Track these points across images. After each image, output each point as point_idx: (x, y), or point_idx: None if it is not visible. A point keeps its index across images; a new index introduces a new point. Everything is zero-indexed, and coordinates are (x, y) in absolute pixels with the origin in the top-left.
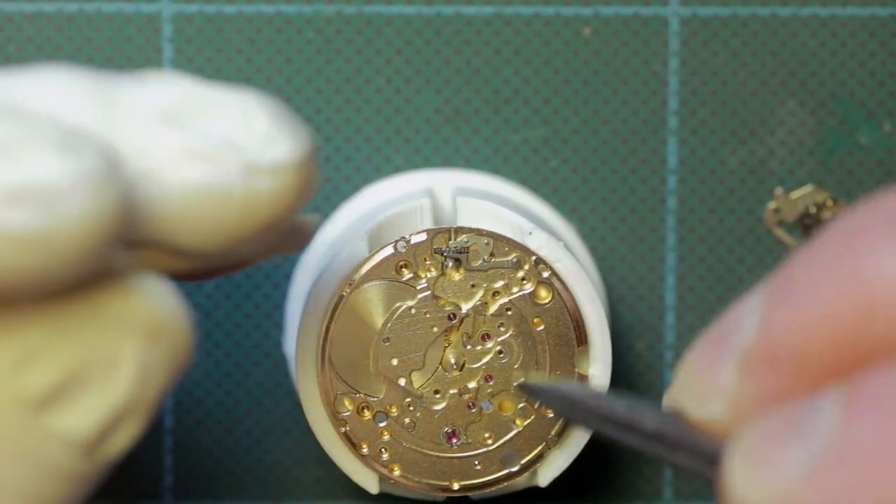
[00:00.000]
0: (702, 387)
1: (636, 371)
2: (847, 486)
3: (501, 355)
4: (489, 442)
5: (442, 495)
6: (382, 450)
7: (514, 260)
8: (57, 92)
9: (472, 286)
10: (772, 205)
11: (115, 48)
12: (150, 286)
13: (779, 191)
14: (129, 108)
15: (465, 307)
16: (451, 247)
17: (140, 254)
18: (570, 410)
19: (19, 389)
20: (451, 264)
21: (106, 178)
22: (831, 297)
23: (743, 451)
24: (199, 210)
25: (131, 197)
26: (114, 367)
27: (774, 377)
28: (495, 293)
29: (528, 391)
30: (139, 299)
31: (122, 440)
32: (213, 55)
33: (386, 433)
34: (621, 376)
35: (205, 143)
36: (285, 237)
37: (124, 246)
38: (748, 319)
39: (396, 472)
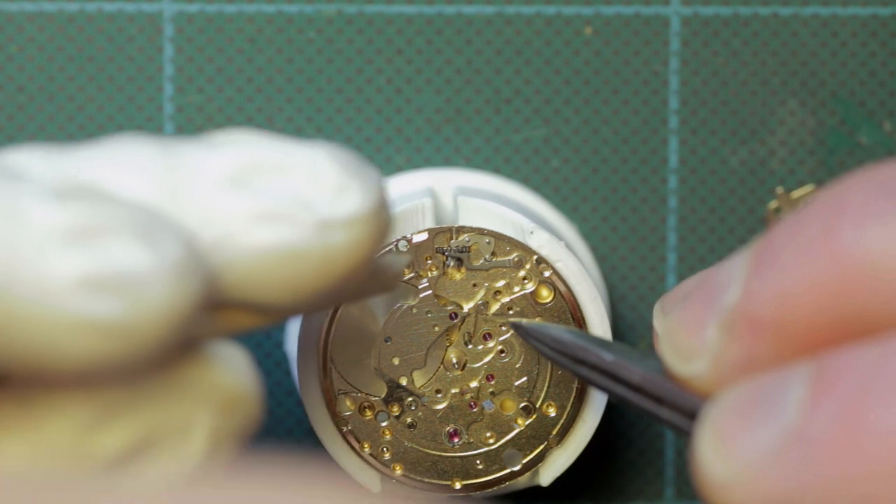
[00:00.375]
0: (686, 344)
1: None
2: (808, 472)
3: (503, 355)
4: (491, 441)
5: (443, 495)
6: (384, 449)
7: (516, 259)
8: (125, 163)
9: (474, 285)
10: (773, 204)
11: (116, 48)
12: (226, 355)
13: (780, 190)
14: (196, 175)
15: (467, 306)
16: (452, 246)
17: (217, 317)
18: (560, 355)
19: (92, 449)
20: (452, 264)
21: (187, 266)
22: (812, 268)
23: (710, 427)
24: (276, 270)
25: (210, 275)
26: (187, 434)
27: (755, 341)
28: (497, 292)
29: (521, 331)
30: (216, 368)
31: None
32: (214, 55)
33: (387, 432)
34: None
35: (275, 203)
36: (372, 279)
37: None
38: (734, 280)
39: (398, 472)
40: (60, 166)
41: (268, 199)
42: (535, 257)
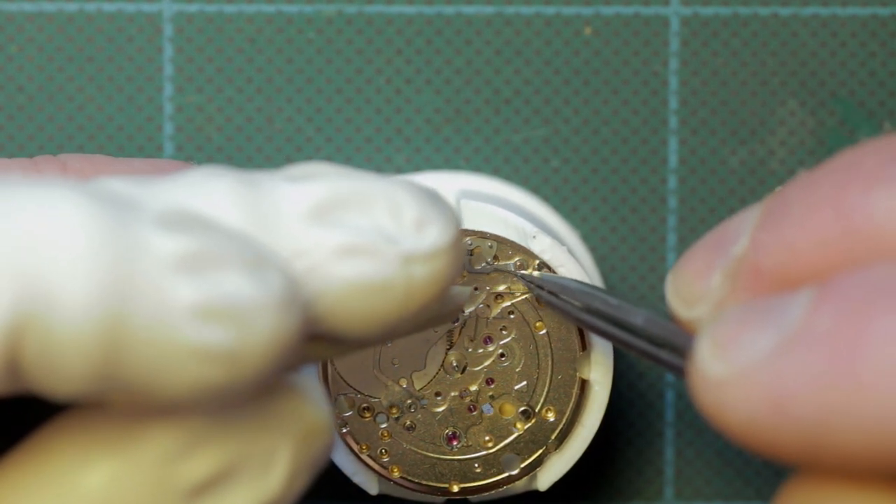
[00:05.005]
0: (691, 289)
1: (637, 372)
2: (808, 370)
3: (503, 358)
4: (489, 445)
5: (441, 497)
6: (382, 451)
7: (518, 263)
8: (211, 194)
9: (475, 289)
10: None
11: (116, 48)
12: (307, 387)
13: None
14: (280, 209)
15: (468, 310)
16: None
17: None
18: (563, 302)
19: (176, 477)
20: None
21: (291, 298)
22: (819, 224)
23: (711, 332)
24: (361, 303)
25: (307, 307)
26: (268, 465)
27: (757, 291)
28: (498, 296)
29: (526, 280)
30: (299, 400)
31: None
32: (214, 55)
33: (386, 435)
34: (623, 378)
35: (359, 238)
36: (438, 310)
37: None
38: (743, 231)
39: (396, 474)
40: (158, 195)
41: (352, 232)
42: (538, 261)
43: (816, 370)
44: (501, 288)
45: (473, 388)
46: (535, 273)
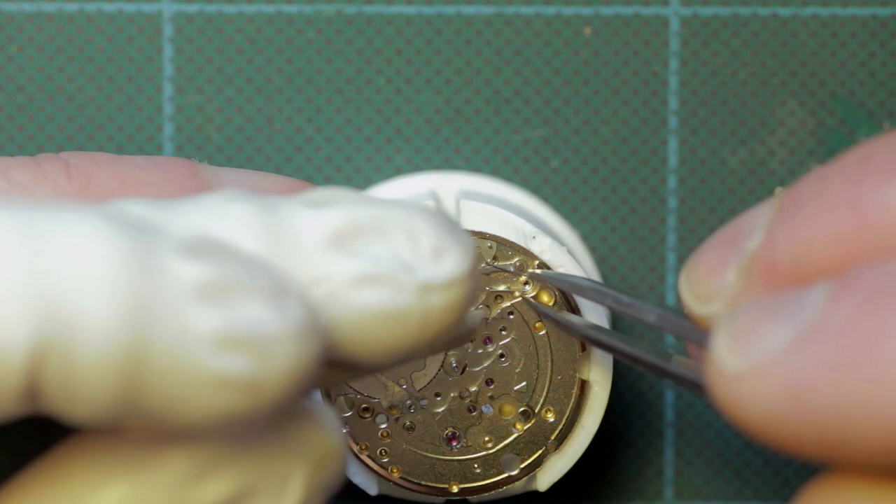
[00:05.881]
0: (705, 285)
1: (637, 372)
2: (825, 362)
3: (503, 359)
4: (489, 445)
5: (441, 498)
6: (382, 451)
7: (518, 264)
8: (230, 219)
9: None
10: None
11: (116, 48)
12: (320, 412)
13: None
14: (299, 235)
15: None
16: None
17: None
18: (567, 316)
19: (191, 500)
20: None
21: (311, 326)
22: (834, 220)
23: (728, 326)
24: (378, 331)
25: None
26: (283, 489)
27: (772, 287)
28: (498, 297)
29: (538, 279)
30: (313, 425)
31: None
32: (214, 55)
33: (386, 435)
34: (623, 378)
35: (377, 266)
36: (452, 334)
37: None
38: (757, 227)
39: (396, 475)
40: (178, 220)
41: (370, 261)
42: (537, 262)
43: (834, 363)
44: (501, 288)
45: (473, 388)
46: (544, 272)
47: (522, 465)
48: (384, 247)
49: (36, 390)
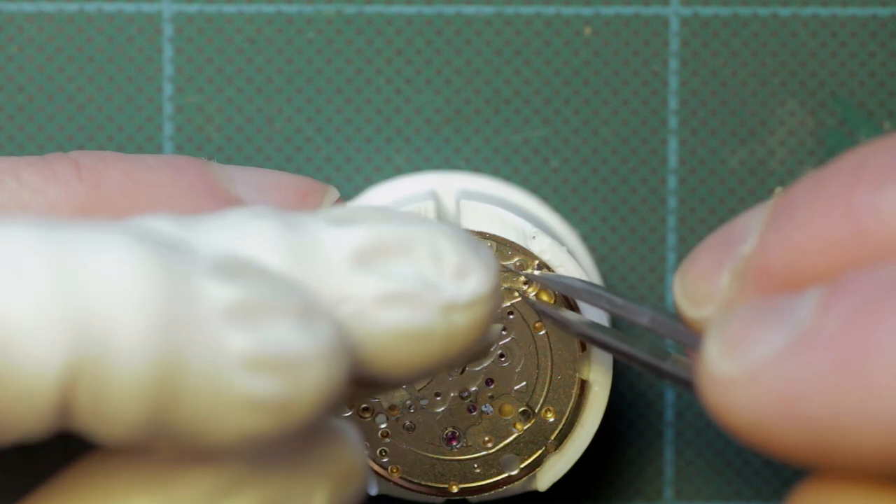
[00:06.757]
0: (699, 289)
1: (637, 372)
2: (817, 368)
3: (503, 359)
4: (489, 445)
5: (441, 498)
6: (382, 451)
7: (518, 263)
8: (254, 237)
9: None
10: None
11: (116, 48)
12: (343, 430)
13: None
14: (322, 254)
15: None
16: None
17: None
18: (565, 315)
19: None
20: None
21: (340, 348)
22: (827, 224)
23: (720, 331)
24: (402, 350)
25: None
26: None
27: (765, 292)
28: None
29: (534, 280)
30: (336, 444)
31: None
32: (214, 55)
33: (386, 435)
34: (623, 378)
35: (402, 285)
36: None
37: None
38: (751, 231)
39: (396, 474)
40: (202, 237)
41: (395, 280)
42: (537, 262)
43: (826, 370)
44: (502, 288)
45: (473, 388)
46: (540, 273)
47: (522, 465)
48: (408, 266)
49: (67, 410)
